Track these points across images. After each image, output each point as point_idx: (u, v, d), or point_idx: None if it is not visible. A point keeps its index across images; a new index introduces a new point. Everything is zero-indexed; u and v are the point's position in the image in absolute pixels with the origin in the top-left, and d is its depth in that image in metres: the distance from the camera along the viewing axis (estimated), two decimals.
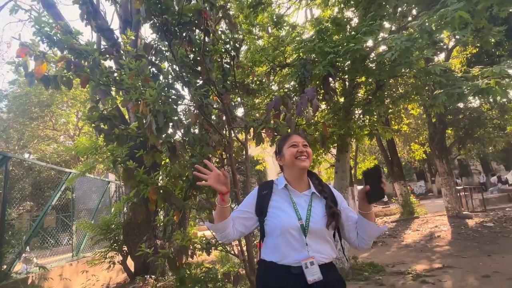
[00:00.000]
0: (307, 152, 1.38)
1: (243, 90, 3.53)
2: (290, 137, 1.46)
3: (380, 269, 5.20)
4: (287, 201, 1.36)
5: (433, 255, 6.02)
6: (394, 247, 7.22)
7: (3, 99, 16.90)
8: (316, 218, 1.30)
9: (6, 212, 4.69)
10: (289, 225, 1.27)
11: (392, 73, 3.78)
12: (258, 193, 1.43)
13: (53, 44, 2.93)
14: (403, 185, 11.84)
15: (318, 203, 1.36)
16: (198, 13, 2.24)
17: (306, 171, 1.42)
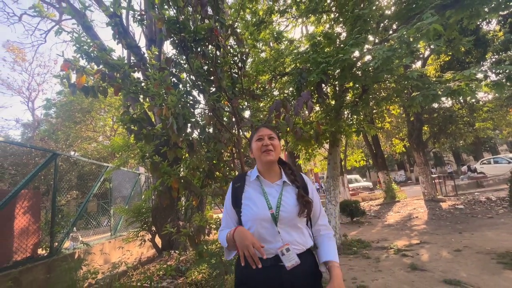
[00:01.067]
0: (273, 145, 1.20)
1: (249, 96, 3.51)
2: (258, 130, 1.27)
3: (366, 244, 5.16)
4: (259, 191, 1.18)
5: (411, 232, 5.95)
6: (379, 226, 7.16)
7: (52, 107, 17.15)
8: (286, 207, 1.13)
9: (56, 199, 4.77)
10: (260, 215, 1.11)
11: (375, 79, 3.72)
12: (232, 186, 1.26)
13: (91, 59, 2.95)
14: (386, 174, 11.70)
15: (289, 192, 1.18)
16: (210, 31, 2.22)
17: (274, 163, 1.23)
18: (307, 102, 1.69)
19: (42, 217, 5.33)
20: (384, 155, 13.60)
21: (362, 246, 5.11)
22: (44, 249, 4.49)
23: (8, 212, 3.95)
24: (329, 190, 5.28)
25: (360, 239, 5.53)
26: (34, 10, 3.32)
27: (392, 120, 13.31)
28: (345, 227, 7.42)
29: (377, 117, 10.89)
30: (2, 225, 3.81)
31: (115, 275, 3.78)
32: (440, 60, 9.94)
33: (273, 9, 5.10)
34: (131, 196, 7.68)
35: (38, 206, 4.73)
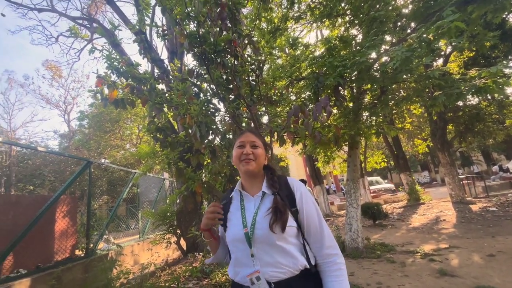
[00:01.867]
0: (255, 154, 1.00)
1: (267, 102, 3.55)
2: (241, 135, 1.08)
3: (391, 248, 4.95)
4: (237, 208, 1.01)
5: (439, 236, 5.62)
6: (403, 229, 6.84)
7: (85, 118, 18.29)
8: (262, 223, 0.90)
9: (91, 204, 5.07)
10: (234, 236, 0.94)
11: (394, 79, 3.61)
12: (222, 203, 1.08)
13: (120, 74, 3.14)
14: (408, 175, 11.17)
15: (266, 204, 0.95)
16: (229, 42, 2.30)
17: (255, 173, 1.02)
18: (325, 107, 1.69)
19: (78, 220, 5.68)
20: (406, 156, 13.01)
21: (386, 249, 4.91)
22: (81, 250, 4.76)
23: (50, 216, 4.25)
24: (349, 192, 5.15)
25: (383, 243, 5.31)
26: (70, 32, 3.60)
27: (413, 120, 12.75)
28: (367, 230, 7.16)
29: (397, 118, 10.51)
30: (44, 228, 4.11)
31: (145, 275, 3.92)
32: (463, 56, 9.41)
33: (288, 16, 5.13)
34: (157, 200, 7.94)
35: (75, 210, 5.05)
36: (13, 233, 3.46)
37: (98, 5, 8.30)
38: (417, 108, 10.12)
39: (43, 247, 4.05)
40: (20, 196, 5.07)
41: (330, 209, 11.27)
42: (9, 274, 3.37)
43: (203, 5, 2.16)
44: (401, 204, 11.22)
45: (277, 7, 5.88)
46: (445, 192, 10.22)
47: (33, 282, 3.23)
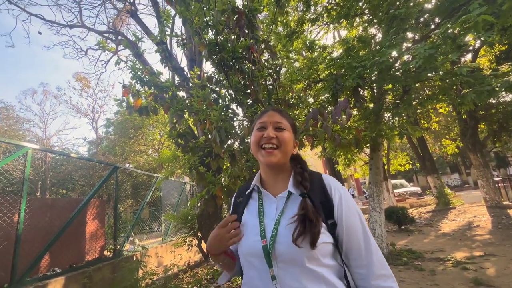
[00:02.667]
0: (280, 138, 0.76)
1: (284, 105, 3.56)
2: (262, 115, 0.84)
3: (418, 255, 4.70)
4: (255, 211, 0.77)
5: (473, 243, 5.25)
6: (432, 235, 6.47)
7: (111, 125, 19.32)
8: (285, 234, 0.67)
9: (117, 207, 5.33)
10: (249, 248, 0.71)
11: (418, 78, 3.47)
12: (234, 201, 0.88)
13: (144, 83, 3.31)
14: (436, 178, 10.57)
15: (292, 209, 0.71)
16: (247, 49, 2.35)
17: (279, 166, 0.78)
18: (345, 109, 1.67)
19: (106, 223, 5.99)
20: (433, 158, 12.34)
21: (413, 256, 4.67)
22: (109, 251, 5.01)
23: (81, 218, 4.53)
24: (372, 196, 4.99)
25: (410, 249, 5.06)
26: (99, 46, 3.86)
27: (440, 120, 12.09)
28: (392, 235, 6.86)
29: (422, 118, 10.02)
30: (77, 229, 4.38)
31: (168, 277, 4.04)
32: (495, 50, 8.81)
33: (304, 18, 5.12)
34: (178, 203, 8.16)
35: (103, 213, 5.34)
36: (49, 234, 3.73)
37: (122, 19, 8.80)
38: (444, 107, 9.60)
39: (75, 248, 4.32)
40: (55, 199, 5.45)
41: None
42: (46, 273, 3.63)
43: (221, 14, 2.23)
44: (428, 208, 10.63)
45: (293, 10, 5.90)
46: (479, 195, 9.54)
47: (67, 281, 3.45)
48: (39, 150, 3.83)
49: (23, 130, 18.78)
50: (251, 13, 2.54)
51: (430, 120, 10.75)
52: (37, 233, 3.66)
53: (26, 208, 3.27)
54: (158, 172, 13.77)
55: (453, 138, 12.93)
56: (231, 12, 2.26)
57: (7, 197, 3.44)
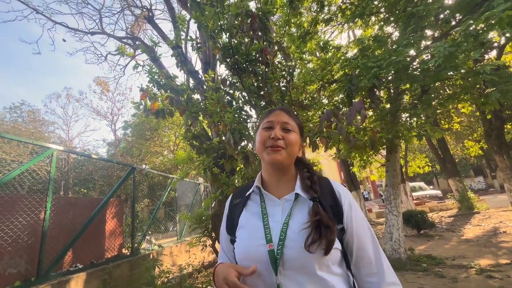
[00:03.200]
0: (286, 139, 0.74)
1: (298, 106, 3.55)
2: (267, 115, 0.82)
3: (439, 261, 4.52)
4: (257, 213, 0.73)
5: (498, 250, 4.97)
6: (453, 241, 6.19)
7: (128, 127, 19.99)
8: (296, 239, 0.64)
9: (135, 206, 5.51)
10: (250, 253, 0.66)
11: (437, 77, 3.34)
12: (230, 202, 0.83)
13: (160, 87, 3.41)
14: (458, 181, 10.09)
15: (302, 212, 0.69)
16: (260, 51, 2.37)
17: (284, 167, 0.76)
18: (360, 110, 1.65)
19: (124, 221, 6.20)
20: (455, 160, 11.80)
21: (433, 262, 4.49)
22: (127, 249, 5.19)
23: (101, 217, 4.72)
24: (389, 199, 4.85)
25: (430, 255, 4.87)
26: (118, 52, 4.03)
27: (462, 120, 11.56)
28: (411, 240, 6.63)
29: (442, 118, 9.62)
30: (97, 227, 4.57)
31: (183, 276, 4.12)
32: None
33: (318, 19, 5.08)
34: (193, 204, 8.31)
35: (121, 212, 5.53)
36: (72, 231, 3.92)
37: (140, 24, 9.11)
38: (467, 106, 9.17)
39: (96, 245, 4.51)
40: (78, 198, 5.71)
41: (368, 217, 10.67)
42: (69, 268, 3.81)
43: (235, 17, 2.27)
44: (450, 212, 10.18)
45: (306, 11, 5.87)
46: (505, 200, 9.03)
47: (88, 276, 3.61)
48: (63, 151, 4.04)
49: (48, 132, 19.83)
50: (264, 16, 2.57)
51: (452, 121, 10.30)
52: (61, 230, 3.85)
53: (51, 206, 3.45)
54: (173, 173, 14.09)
55: (477, 139, 12.32)
56: (244, 15, 2.30)
57: (35, 195, 3.65)
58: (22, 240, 3.31)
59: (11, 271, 3.17)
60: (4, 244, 3.14)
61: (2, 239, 3.13)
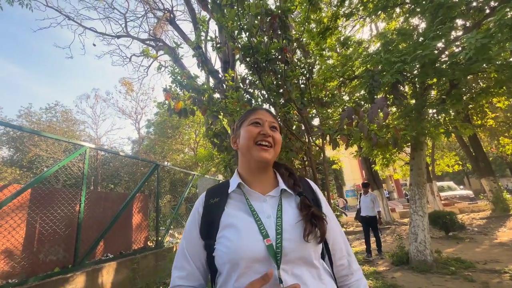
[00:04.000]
0: (274, 138, 0.77)
1: (318, 104, 3.52)
2: (254, 112, 0.82)
3: (469, 265, 4.29)
4: (244, 210, 0.71)
5: None
6: (485, 244, 5.83)
7: (151, 126, 20.81)
8: (291, 231, 0.66)
9: (159, 201, 5.77)
10: (247, 251, 0.63)
11: (468, 71, 3.16)
12: (205, 202, 0.76)
13: (183, 87, 3.54)
14: (493, 181, 9.43)
15: (291, 206, 0.73)
16: (280, 50, 2.39)
17: (269, 165, 0.79)
18: (382, 108, 1.62)
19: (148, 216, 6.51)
20: (489, 158, 11.02)
21: (462, 266, 4.28)
22: (151, 242, 5.46)
23: (129, 211, 5.01)
24: (414, 199, 4.67)
25: (459, 258, 4.64)
26: (143, 54, 4.23)
27: (497, 115, 10.74)
28: (438, 242, 6.33)
29: (474, 113, 9.00)
30: (125, 221, 4.86)
31: None
32: None
33: (338, 14, 4.97)
34: None
35: (146, 207, 5.83)
36: (103, 223, 4.20)
37: (162, 26, 9.43)
38: (503, 100, 8.51)
39: (124, 237, 4.80)
40: (107, 192, 6.09)
41: (392, 216, 10.30)
42: (101, 257, 4.10)
43: (255, 17, 2.31)
44: (482, 214, 9.56)
45: (326, 5, 5.75)
46: None
47: (118, 265, 3.86)
48: (94, 149, 4.33)
49: (79, 131, 21.17)
50: (283, 14, 2.58)
51: (485, 116, 9.60)
52: (93, 221, 4.15)
53: (85, 199, 3.73)
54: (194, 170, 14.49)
55: None
56: (264, 14, 2.33)
57: (70, 189, 3.97)
58: (60, 230, 3.62)
59: (51, 258, 3.49)
60: (45, 234, 3.46)
61: (43, 229, 3.45)
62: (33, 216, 3.39)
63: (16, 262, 3.08)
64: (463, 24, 4.17)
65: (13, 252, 3.09)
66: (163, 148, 19.54)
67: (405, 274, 4.19)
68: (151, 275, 4.33)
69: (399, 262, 4.69)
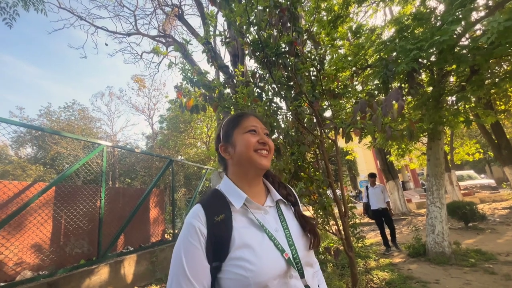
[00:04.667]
0: (270, 145, 0.77)
1: (330, 96, 3.46)
2: (245, 118, 0.80)
3: (490, 257, 4.17)
4: (253, 225, 0.69)
5: None
6: (508, 235, 5.62)
7: (164, 121, 21.19)
8: (298, 240, 0.72)
9: (174, 195, 5.93)
10: (273, 271, 0.62)
11: (489, 56, 2.99)
12: (208, 220, 0.66)
13: (193, 84, 3.57)
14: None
15: (290, 217, 0.77)
16: (289, 43, 2.35)
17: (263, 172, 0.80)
18: (397, 100, 1.56)
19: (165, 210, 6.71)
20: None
21: (482, 258, 4.17)
22: (168, 234, 5.65)
23: (146, 205, 5.19)
24: (431, 190, 4.55)
25: (479, 250, 4.51)
26: (153, 52, 4.27)
27: None
28: (457, 233, 6.17)
29: (497, 98, 8.52)
30: (142, 215, 5.04)
31: None
32: None
33: (350, 0, 4.78)
34: None
35: (163, 201, 6.01)
36: (123, 218, 4.38)
37: (170, 21, 9.46)
38: None
39: (142, 230, 5.00)
40: (125, 188, 6.32)
41: (407, 207, 10.10)
42: (122, 250, 4.30)
43: (263, 12, 2.27)
44: (505, 204, 9.19)
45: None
46: None
47: (138, 258, 4.04)
48: (111, 147, 4.48)
49: (96, 128, 21.89)
50: (292, 6, 2.52)
51: (509, 101, 9.09)
52: (113, 216, 4.34)
53: (105, 195, 3.90)
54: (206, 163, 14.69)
55: None
56: (273, 7, 2.28)
57: (91, 186, 4.15)
58: (83, 224, 3.82)
59: (77, 251, 3.70)
60: (70, 228, 3.66)
61: (68, 224, 3.64)
62: (58, 212, 3.58)
63: (45, 255, 3.29)
64: (485, 2, 3.91)
65: (42, 246, 3.30)
66: (176, 142, 19.89)
67: (422, 266, 4.14)
68: (169, 267, 4.50)
69: (415, 254, 4.63)
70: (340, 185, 3.85)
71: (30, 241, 3.17)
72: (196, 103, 3.45)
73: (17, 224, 3.06)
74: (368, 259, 4.60)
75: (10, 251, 2.93)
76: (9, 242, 2.94)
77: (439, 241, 4.32)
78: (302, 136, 3.17)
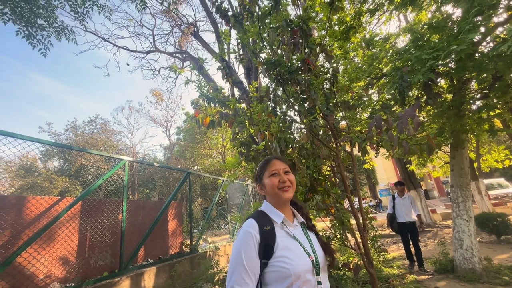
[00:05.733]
0: (290, 180, 1.07)
1: (344, 108, 3.45)
2: (269, 164, 1.12)
3: None
4: (290, 236, 1.00)
5: None
6: None
7: (181, 133, 21.77)
8: (319, 251, 1.02)
9: (192, 207, 6.04)
10: (304, 266, 0.92)
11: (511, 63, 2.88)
12: (261, 229, 0.97)
13: (209, 100, 3.70)
14: None
15: (311, 235, 1.08)
16: (302, 61, 2.41)
17: (290, 200, 1.10)
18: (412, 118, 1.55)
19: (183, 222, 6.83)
20: None
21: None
22: (186, 247, 5.73)
23: (165, 217, 5.32)
24: (456, 201, 4.34)
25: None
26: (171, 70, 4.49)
27: None
28: (488, 247, 5.78)
29: None
30: (161, 227, 5.17)
31: None
32: None
33: (362, 11, 4.80)
34: (242, 205, 8.71)
35: (181, 213, 6.13)
36: (143, 230, 4.52)
37: (186, 38, 9.88)
38: None
39: (161, 242, 5.11)
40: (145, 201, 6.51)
41: (432, 218, 9.59)
42: (142, 262, 4.41)
43: (275, 32, 2.35)
44: None
45: (348, 3, 5.57)
46: None
47: (157, 270, 4.13)
48: (132, 162, 4.68)
49: (117, 140, 22.87)
50: (304, 23, 2.59)
51: None
52: (134, 229, 4.49)
53: (126, 209, 4.06)
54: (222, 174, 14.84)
55: None
56: (285, 27, 2.36)
57: (114, 199, 4.33)
58: (107, 237, 3.98)
59: (100, 263, 3.84)
60: (94, 241, 3.82)
61: (93, 236, 3.81)
62: (84, 225, 3.77)
63: (72, 267, 3.45)
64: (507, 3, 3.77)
65: (69, 259, 3.47)
66: (193, 153, 20.32)
67: (450, 283, 3.91)
68: (188, 279, 4.55)
69: (442, 270, 4.37)
70: (358, 197, 3.77)
71: (58, 254, 3.35)
72: (213, 119, 3.57)
73: (47, 237, 3.25)
74: (391, 276, 4.41)
75: (41, 263, 3.12)
76: (40, 254, 3.13)
77: (468, 257, 4.07)
78: (318, 149, 3.17)
